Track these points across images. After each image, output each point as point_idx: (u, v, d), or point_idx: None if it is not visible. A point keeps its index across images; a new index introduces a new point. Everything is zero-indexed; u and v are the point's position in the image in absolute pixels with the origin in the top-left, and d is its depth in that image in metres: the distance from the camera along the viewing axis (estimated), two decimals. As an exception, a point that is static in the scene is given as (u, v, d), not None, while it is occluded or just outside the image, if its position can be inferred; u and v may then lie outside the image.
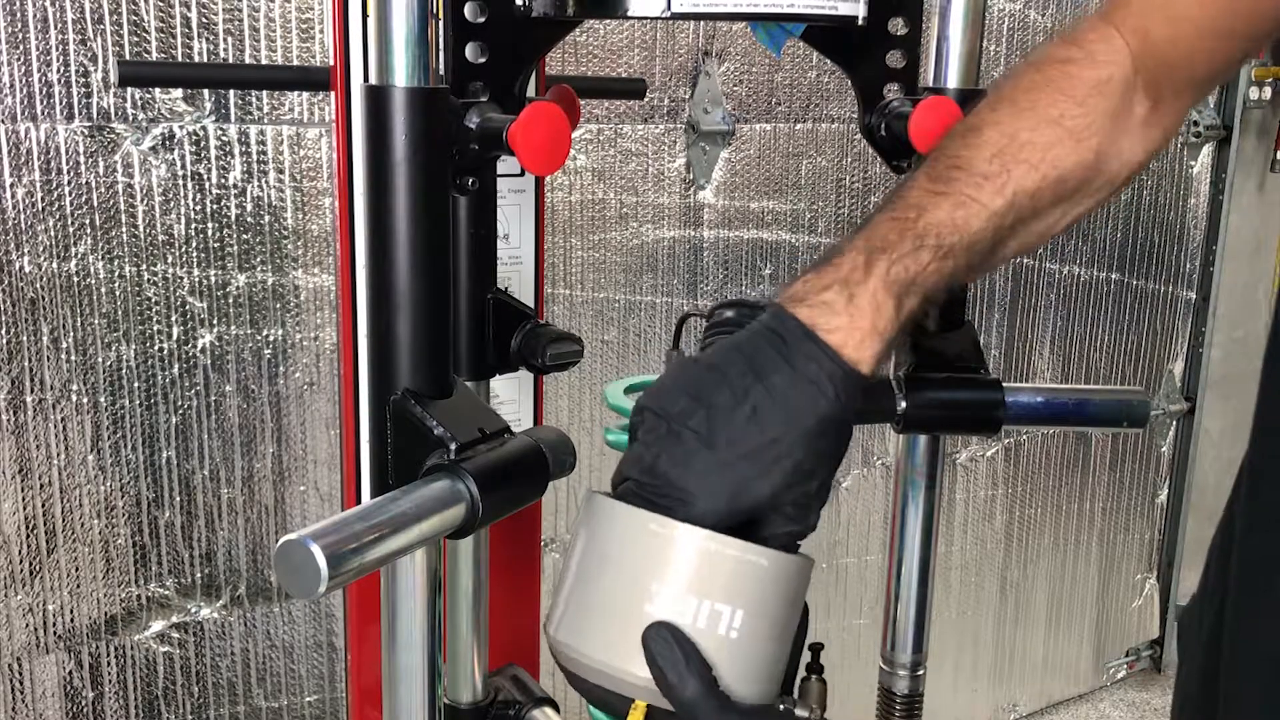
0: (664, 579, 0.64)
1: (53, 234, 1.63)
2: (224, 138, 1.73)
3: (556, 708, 0.99)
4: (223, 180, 1.74)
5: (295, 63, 1.77)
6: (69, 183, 1.64)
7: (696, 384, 0.67)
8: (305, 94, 1.77)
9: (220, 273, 1.76)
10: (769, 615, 0.65)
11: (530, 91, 0.84)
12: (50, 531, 1.71)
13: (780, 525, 0.67)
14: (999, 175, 0.74)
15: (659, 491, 0.65)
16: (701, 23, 2.04)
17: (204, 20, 1.69)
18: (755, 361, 0.67)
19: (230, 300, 1.77)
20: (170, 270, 1.72)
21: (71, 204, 1.64)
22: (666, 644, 0.63)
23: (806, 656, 0.83)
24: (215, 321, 1.77)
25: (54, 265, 1.64)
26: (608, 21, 1.93)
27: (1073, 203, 0.78)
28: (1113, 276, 2.78)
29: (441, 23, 0.78)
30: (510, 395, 1.13)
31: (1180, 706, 0.88)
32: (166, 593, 1.81)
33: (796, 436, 0.66)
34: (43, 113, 1.61)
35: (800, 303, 0.68)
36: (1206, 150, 2.88)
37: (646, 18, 0.80)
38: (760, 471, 0.65)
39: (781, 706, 0.68)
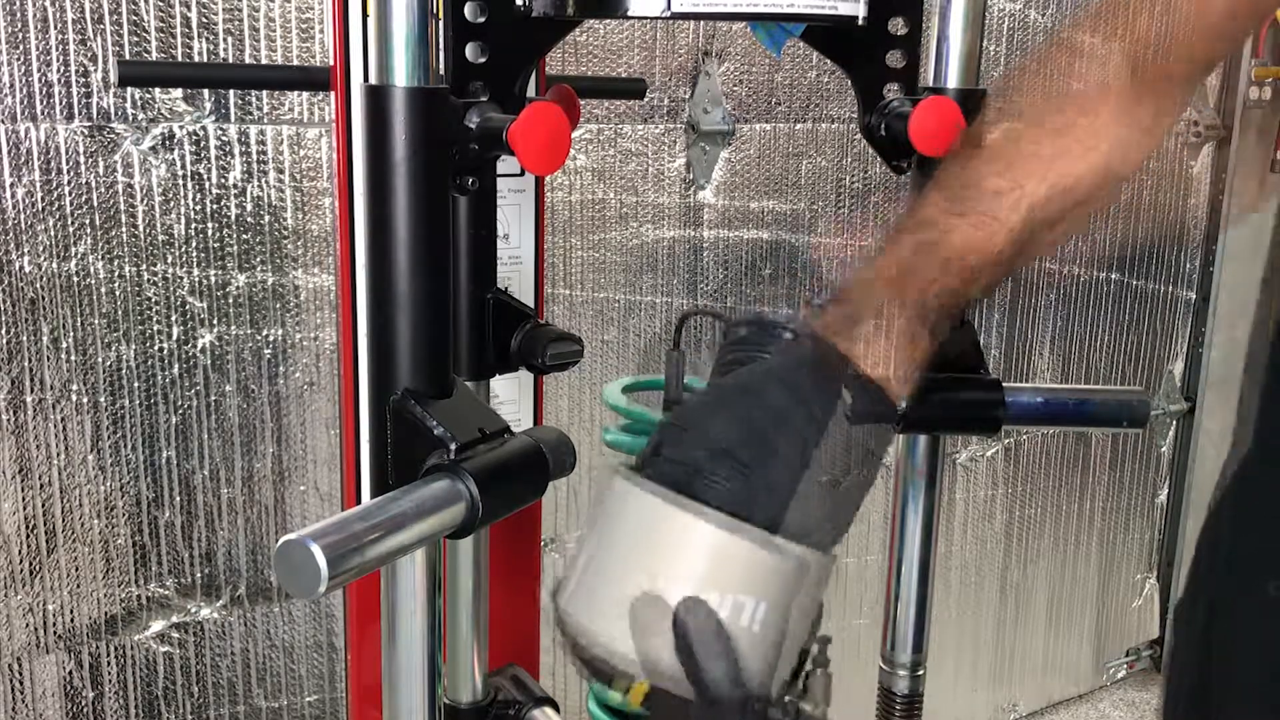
0: (686, 568, 0.64)
1: (53, 234, 1.63)
2: (224, 138, 1.73)
3: (556, 708, 0.99)
4: (223, 180, 1.74)
5: (295, 63, 1.77)
6: (69, 183, 1.64)
7: (738, 409, 0.68)
8: (305, 94, 1.77)
9: (220, 273, 1.75)
10: (791, 611, 0.66)
11: (530, 91, 0.84)
12: (50, 531, 1.71)
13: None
14: (1012, 191, 0.75)
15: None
16: (701, 23, 2.04)
17: (204, 20, 1.69)
18: (799, 391, 0.68)
19: (230, 300, 1.77)
20: (170, 270, 1.72)
21: (71, 204, 1.64)
22: (700, 621, 0.63)
23: (814, 649, 0.83)
24: (215, 321, 1.77)
25: (54, 265, 1.64)
26: (608, 21, 1.93)
27: (1084, 206, 0.79)
28: (1113, 276, 2.78)
29: (441, 23, 0.78)
30: (510, 395, 1.13)
31: (1174, 697, 0.89)
32: (166, 593, 1.81)
33: (846, 466, 0.68)
34: (43, 113, 1.61)
35: (837, 334, 0.70)
36: (1206, 150, 2.88)
37: (646, 18, 0.80)
38: (813, 498, 0.67)
39: (788, 698, 0.68)
